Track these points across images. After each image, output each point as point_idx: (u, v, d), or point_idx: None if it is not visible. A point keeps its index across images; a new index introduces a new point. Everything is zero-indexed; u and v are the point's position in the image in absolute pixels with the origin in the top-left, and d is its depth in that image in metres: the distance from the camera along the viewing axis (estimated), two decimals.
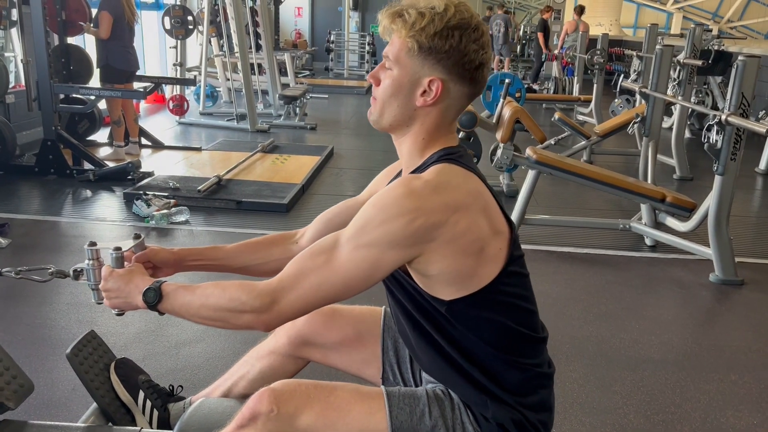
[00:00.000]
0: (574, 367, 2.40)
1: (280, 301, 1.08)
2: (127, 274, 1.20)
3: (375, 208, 1.07)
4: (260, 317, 1.09)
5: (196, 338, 2.52)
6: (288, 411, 1.11)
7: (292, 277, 1.09)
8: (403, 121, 1.15)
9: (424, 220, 1.04)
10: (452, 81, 1.11)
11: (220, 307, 1.11)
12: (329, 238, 1.10)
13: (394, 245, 1.05)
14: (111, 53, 5.13)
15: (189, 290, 1.15)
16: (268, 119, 7.35)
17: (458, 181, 1.09)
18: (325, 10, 15.03)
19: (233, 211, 4.10)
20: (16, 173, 4.67)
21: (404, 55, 1.11)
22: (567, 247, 3.70)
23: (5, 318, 2.60)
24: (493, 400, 1.15)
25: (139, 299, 1.16)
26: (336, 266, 1.07)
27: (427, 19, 1.07)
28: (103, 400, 1.55)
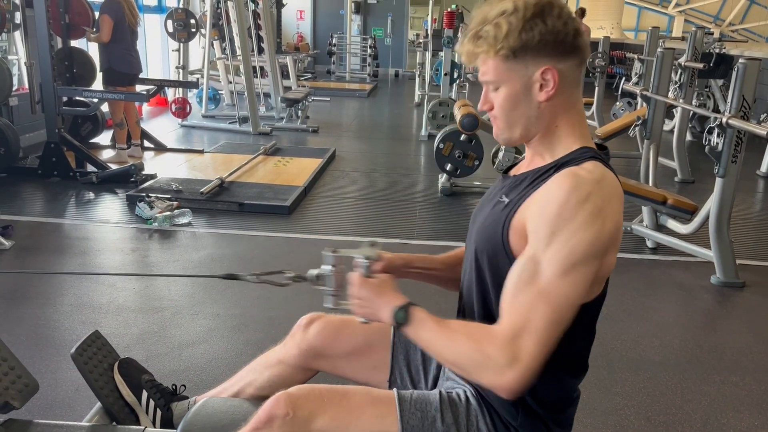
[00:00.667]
0: None
1: (522, 348, 1.00)
2: (379, 286, 1.17)
3: (558, 217, 1.02)
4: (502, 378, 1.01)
5: (198, 339, 2.54)
6: (303, 414, 1.12)
7: (520, 319, 1.02)
8: (535, 122, 1.12)
9: (610, 219, 1.04)
10: (560, 61, 1.08)
11: (468, 358, 1.05)
12: (525, 266, 1.04)
13: (597, 254, 1.03)
14: (113, 56, 5.15)
15: (438, 324, 1.09)
16: (270, 122, 7.37)
17: (612, 179, 1.08)
18: (327, 14, 15.06)
19: (236, 213, 4.11)
20: (20, 175, 4.69)
21: (504, 69, 1.09)
22: None
23: (9, 319, 2.62)
24: (525, 412, 1.14)
25: (387, 314, 1.13)
26: (556, 296, 1.01)
27: (506, 26, 1.06)
28: (107, 399, 1.56)
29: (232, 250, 3.54)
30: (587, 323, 1.15)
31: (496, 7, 1.08)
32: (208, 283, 3.02)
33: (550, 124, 1.13)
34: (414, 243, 3.73)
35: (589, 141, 1.15)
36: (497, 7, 1.08)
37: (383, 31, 14.90)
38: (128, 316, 2.72)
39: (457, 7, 8.96)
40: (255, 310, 2.79)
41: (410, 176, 5.65)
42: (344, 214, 4.33)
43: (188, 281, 3.06)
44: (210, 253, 3.46)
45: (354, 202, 4.72)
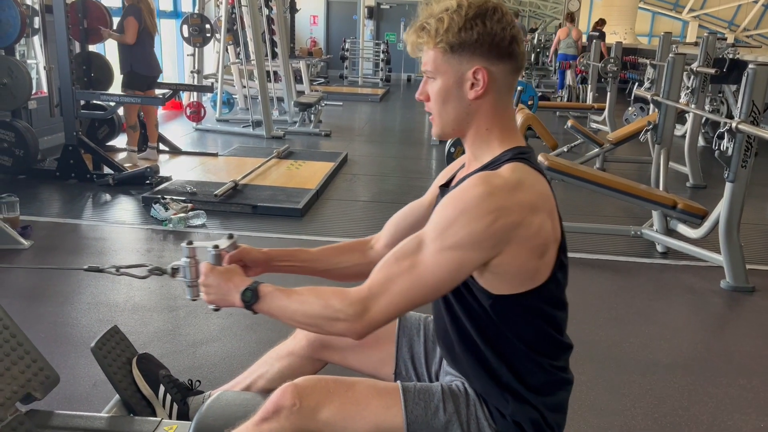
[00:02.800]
0: (584, 370, 2.43)
1: (371, 309, 1.11)
2: (227, 272, 1.24)
3: (455, 209, 1.09)
4: (353, 326, 1.12)
5: (212, 337, 2.59)
6: (310, 405, 1.16)
7: (381, 284, 1.11)
8: (464, 119, 1.18)
9: (505, 219, 1.07)
10: (493, 64, 1.14)
11: (316, 315, 1.14)
12: (411, 242, 1.12)
13: (477, 246, 1.08)
14: (135, 59, 5.25)
15: (285, 294, 1.18)
16: (283, 126, 7.45)
17: (532, 181, 1.12)
18: (340, 19, 15.17)
19: (249, 215, 4.17)
20: (38, 177, 4.78)
21: (441, 61, 1.15)
22: (578, 252, 3.72)
23: (30, 317, 2.68)
24: (515, 399, 1.18)
25: (236, 297, 1.20)
26: (422, 270, 1.09)
27: (448, 21, 1.12)
28: (125, 392, 1.62)
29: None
30: (538, 312, 1.17)
31: (442, 3, 1.15)
32: None
33: (480, 125, 1.19)
34: None
35: (516, 142, 1.20)
36: (443, 4, 1.15)
37: (396, 36, 14.97)
38: (144, 314, 2.78)
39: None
40: None
41: (421, 180, 5.69)
42: (355, 217, 4.38)
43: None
44: None
45: (365, 204, 4.76)
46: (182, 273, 1.33)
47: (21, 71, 4.57)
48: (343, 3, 15.04)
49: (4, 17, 4.40)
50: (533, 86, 11.96)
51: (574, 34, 10.45)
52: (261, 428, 1.18)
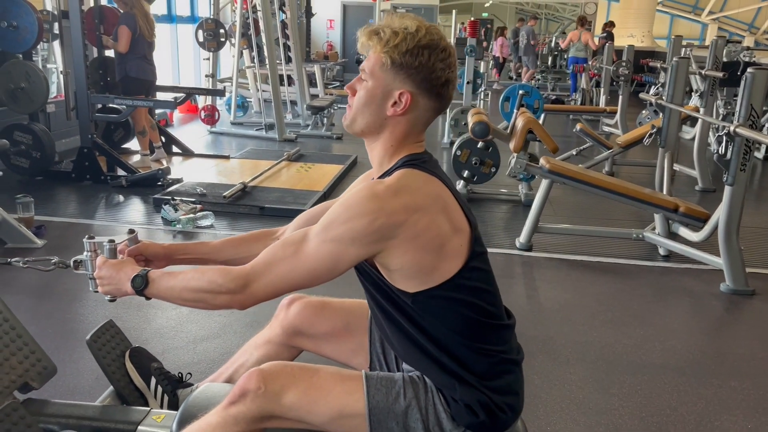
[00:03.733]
0: (574, 370, 2.46)
1: (251, 284, 1.20)
2: (118, 264, 1.33)
3: (341, 207, 1.19)
4: (235, 297, 1.21)
5: (212, 335, 2.66)
6: (274, 389, 1.22)
7: (264, 264, 1.21)
8: (375, 128, 1.27)
9: (385, 220, 1.15)
10: (420, 95, 1.23)
11: (199, 289, 1.22)
12: (300, 232, 1.23)
13: (356, 241, 1.17)
14: (129, 65, 5.30)
15: (172, 276, 1.26)
16: (295, 129, 7.54)
17: (418, 184, 1.21)
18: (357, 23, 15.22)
19: (257, 217, 4.25)
20: (55, 179, 4.92)
21: (378, 68, 1.23)
22: (580, 255, 3.75)
23: (39, 313, 2.78)
24: (461, 384, 1.24)
25: (128, 285, 1.28)
26: (303, 257, 1.19)
27: (401, 38, 1.20)
28: (118, 383, 1.70)
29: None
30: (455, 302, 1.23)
31: (405, 20, 1.22)
32: None
33: (387, 140, 1.27)
34: None
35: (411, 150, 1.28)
36: (405, 22, 1.22)
37: None
38: (148, 311, 2.87)
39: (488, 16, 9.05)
40: (269, 308, 2.85)
41: None
42: None
43: None
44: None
45: None
46: (84, 266, 1.41)
47: (38, 76, 4.71)
48: (360, 7, 15.15)
49: (22, 23, 4.54)
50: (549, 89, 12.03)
51: (584, 37, 10.45)
52: (228, 411, 1.24)
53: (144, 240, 1.49)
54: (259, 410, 1.22)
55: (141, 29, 5.27)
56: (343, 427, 1.26)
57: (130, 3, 5.23)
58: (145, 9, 5.37)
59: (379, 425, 1.24)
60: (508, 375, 1.29)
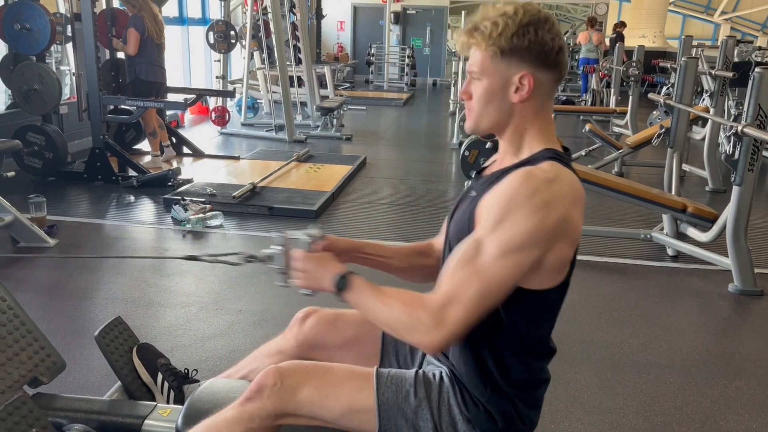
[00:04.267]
0: (579, 369, 2.47)
1: (447, 318, 1.12)
2: (321, 258, 1.30)
3: (506, 208, 1.13)
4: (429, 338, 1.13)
5: (220, 333, 2.69)
6: (290, 385, 1.25)
7: (452, 293, 1.13)
8: (504, 120, 1.23)
9: (554, 213, 1.12)
10: (539, 71, 1.19)
11: (396, 320, 1.17)
12: (470, 246, 1.15)
13: (534, 244, 1.12)
14: (139, 67, 5.39)
15: (373, 291, 1.21)
16: (305, 130, 7.58)
17: (568, 178, 1.18)
18: (367, 24, 15.31)
19: (265, 217, 4.29)
20: (67, 179, 4.98)
21: (489, 63, 1.20)
22: (586, 255, 3.74)
23: (50, 310, 2.83)
24: (493, 389, 1.24)
25: (328, 282, 1.25)
26: (488, 276, 1.12)
27: (502, 25, 1.17)
28: (126, 378, 1.73)
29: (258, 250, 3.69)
30: (550, 309, 1.24)
31: (499, 8, 1.20)
32: (234, 280, 3.18)
33: (519, 125, 1.24)
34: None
35: (553, 144, 1.25)
36: (500, 9, 1.20)
37: (422, 41, 15.06)
38: (157, 309, 2.90)
39: None
40: (276, 307, 2.93)
41: (438, 183, 5.75)
42: (369, 218, 4.46)
43: (215, 278, 3.23)
44: None
45: (380, 207, 4.84)
46: (275, 260, 1.38)
47: (51, 77, 4.77)
48: (370, 8, 15.18)
49: (35, 26, 4.60)
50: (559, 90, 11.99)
51: (595, 38, 10.43)
52: (245, 407, 1.26)
53: (329, 235, 1.45)
54: (274, 406, 1.24)
55: (149, 31, 5.32)
56: (354, 422, 1.27)
57: (138, 5, 5.29)
58: (153, 11, 5.42)
59: (388, 421, 1.26)
60: (539, 390, 1.30)
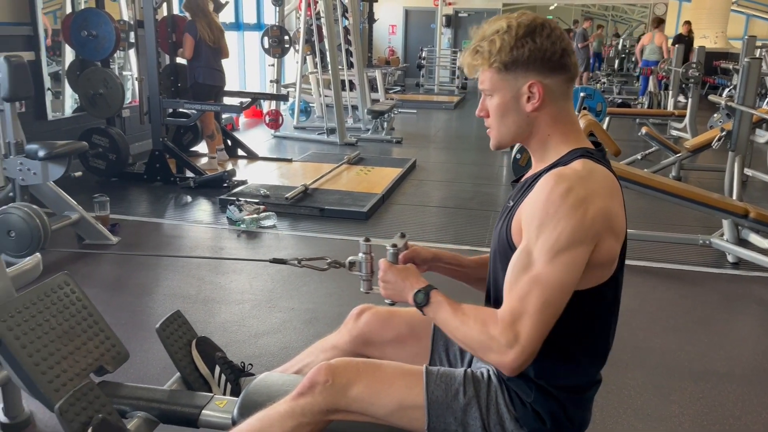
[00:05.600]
0: (633, 375, 2.42)
1: (520, 333, 1.12)
2: (404, 271, 1.33)
3: (543, 211, 1.14)
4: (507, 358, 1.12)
5: (273, 330, 2.76)
6: (341, 382, 1.28)
7: (517, 305, 1.13)
8: (524, 131, 1.26)
9: (594, 207, 1.13)
10: (547, 76, 1.21)
11: (472, 338, 1.18)
12: (521, 259, 1.16)
13: (581, 240, 1.12)
14: (197, 72, 5.57)
15: (451, 307, 1.22)
16: (356, 133, 7.65)
17: (602, 173, 1.19)
18: (418, 28, 15.35)
19: (317, 218, 4.36)
20: (128, 180, 5.18)
21: (496, 79, 1.23)
22: (642, 261, 3.66)
23: (112, 305, 2.95)
24: (539, 390, 1.24)
25: (410, 296, 1.28)
26: (545, 281, 1.12)
27: (499, 42, 1.20)
28: (184, 370, 1.79)
29: (310, 250, 3.76)
30: (603, 310, 1.24)
31: (493, 25, 1.23)
32: (286, 279, 3.25)
33: (542, 132, 1.26)
34: (484, 249, 3.81)
35: (581, 143, 1.26)
36: (494, 26, 1.23)
37: None
38: (213, 306, 2.99)
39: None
40: (326, 306, 2.98)
41: (488, 186, 5.71)
42: (419, 221, 4.47)
43: (268, 277, 3.30)
44: (290, 252, 3.71)
45: (430, 209, 4.85)
46: (358, 267, 1.44)
47: (115, 82, 4.98)
48: (422, 12, 15.22)
49: (101, 32, 4.81)
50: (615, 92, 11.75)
51: (657, 39, 10.16)
52: (297, 402, 1.30)
53: (413, 244, 1.49)
54: (326, 402, 1.27)
55: (202, 36, 5.49)
56: (403, 419, 1.29)
57: (193, 11, 5.47)
58: (209, 17, 5.59)
59: (437, 419, 1.27)
60: (589, 392, 1.29)
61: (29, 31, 4.89)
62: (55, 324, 1.64)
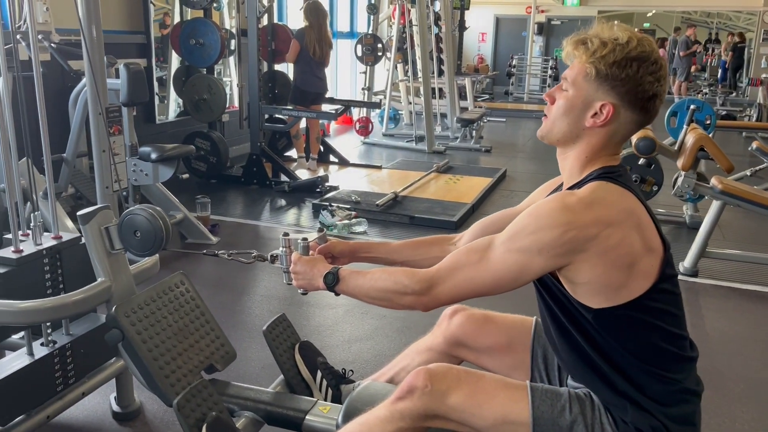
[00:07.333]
0: (746, 408, 2.26)
1: (436, 287, 1.24)
2: (312, 261, 1.43)
3: (530, 217, 1.18)
4: (419, 299, 1.25)
5: (366, 336, 2.78)
6: (440, 388, 1.26)
7: (448, 269, 1.24)
8: (570, 138, 1.25)
9: (576, 233, 1.13)
10: (623, 107, 1.19)
11: (386, 289, 1.29)
12: (485, 240, 1.24)
13: (543, 253, 1.15)
14: (298, 77, 5.83)
15: (361, 275, 1.34)
16: (444, 141, 7.63)
17: (613, 198, 1.17)
18: (509, 36, 15.15)
19: (406, 225, 4.37)
20: (226, 182, 5.39)
21: (581, 78, 1.21)
22: (753, 285, 3.43)
23: (213, 303, 3.05)
24: (634, 406, 1.20)
25: (320, 281, 1.38)
26: (487, 265, 1.20)
27: (609, 48, 1.17)
28: (288, 373, 1.83)
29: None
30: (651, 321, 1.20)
31: (615, 31, 1.19)
32: None
33: (583, 151, 1.24)
34: None
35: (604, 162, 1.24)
36: (615, 32, 1.19)
37: None
38: (308, 309, 3.05)
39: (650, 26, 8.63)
40: (417, 316, 2.95)
41: None
42: None
43: None
44: None
45: None
46: (279, 260, 1.53)
47: (219, 88, 5.19)
48: (513, 20, 15.02)
49: (208, 41, 5.04)
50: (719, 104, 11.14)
51: None
52: (396, 406, 1.29)
53: (331, 238, 1.59)
54: (425, 408, 1.26)
55: (307, 46, 5.67)
56: None
57: (311, 20, 5.73)
58: (322, 31, 5.81)
59: None
60: (686, 405, 1.23)
61: (143, 39, 5.19)
62: (172, 321, 1.71)
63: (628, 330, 1.20)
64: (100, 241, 1.68)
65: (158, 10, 5.52)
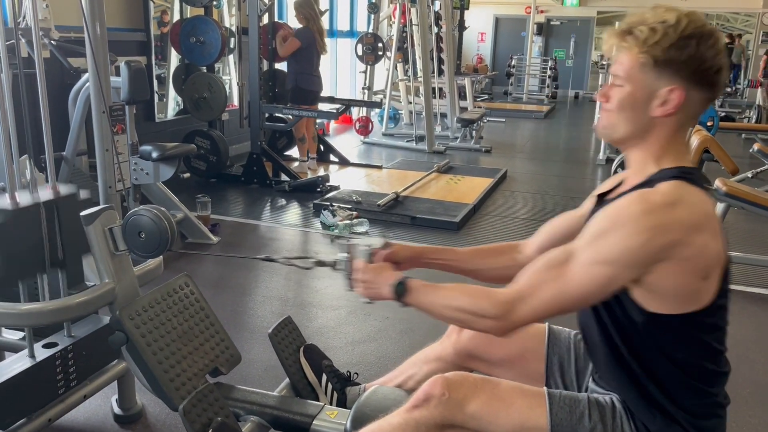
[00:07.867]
0: (754, 413, 2.25)
1: (516, 311, 1.16)
2: (377, 269, 1.37)
3: (611, 223, 1.10)
4: (498, 323, 1.18)
5: (370, 337, 2.75)
6: (457, 397, 1.24)
7: (529, 289, 1.16)
8: (639, 132, 1.17)
9: (663, 238, 1.05)
10: (692, 88, 1.12)
11: (463, 309, 1.21)
12: (562, 252, 1.15)
13: (630, 263, 1.08)
14: (299, 76, 5.75)
15: (432, 289, 1.26)
16: (445, 141, 7.61)
17: (694, 200, 1.10)
18: (508, 36, 15.14)
19: (407, 226, 4.34)
20: (226, 181, 5.36)
21: (637, 71, 1.13)
22: (758, 288, 3.42)
23: (214, 303, 2.96)
24: (663, 415, 1.17)
25: (387, 291, 1.31)
26: (570, 281, 1.11)
27: (661, 33, 1.10)
28: (294, 376, 1.80)
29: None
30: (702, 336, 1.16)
31: (658, 13, 1.13)
32: None
33: (654, 143, 1.17)
34: None
35: (681, 162, 1.17)
36: (660, 15, 1.13)
37: (565, 53, 14.64)
38: (310, 310, 3.03)
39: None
40: (422, 317, 2.91)
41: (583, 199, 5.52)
42: (511, 233, 4.37)
43: None
44: None
45: (522, 222, 4.74)
46: (342, 266, 1.49)
47: (219, 86, 5.16)
48: (512, 20, 15.01)
49: (209, 39, 5.00)
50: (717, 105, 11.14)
51: None
52: (411, 414, 1.27)
53: (395, 243, 1.52)
54: (441, 416, 1.23)
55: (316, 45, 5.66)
56: None
57: (309, 17, 5.63)
58: (319, 23, 5.77)
59: None
60: (716, 418, 1.21)
61: (143, 37, 5.16)
62: (176, 324, 1.69)
63: (677, 342, 1.15)
64: (103, 242, 1.65)
65: (157, 7, 5.48)
